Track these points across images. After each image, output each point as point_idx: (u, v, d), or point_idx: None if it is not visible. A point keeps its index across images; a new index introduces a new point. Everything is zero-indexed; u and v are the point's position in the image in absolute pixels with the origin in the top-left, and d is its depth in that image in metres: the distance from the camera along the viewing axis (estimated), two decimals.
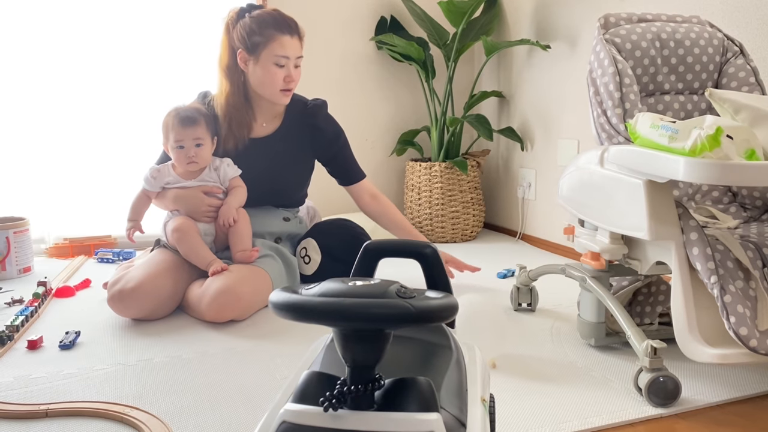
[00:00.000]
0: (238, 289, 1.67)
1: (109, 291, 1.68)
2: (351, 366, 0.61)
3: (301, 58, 1.88)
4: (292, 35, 1.84)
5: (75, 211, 2.58)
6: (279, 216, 1.99)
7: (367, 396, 0.61)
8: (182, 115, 1.82)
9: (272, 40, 1.82)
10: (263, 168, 1.93)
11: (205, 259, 1.76)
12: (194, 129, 1.82)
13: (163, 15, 2.59)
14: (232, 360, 1.43)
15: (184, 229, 1.79)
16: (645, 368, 1.20)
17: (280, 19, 1.84)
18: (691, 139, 1.02)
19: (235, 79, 1.89)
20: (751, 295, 1.13)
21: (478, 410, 0.69)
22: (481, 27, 2.79)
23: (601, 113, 1.43)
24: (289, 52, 1.83)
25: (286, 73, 1.84)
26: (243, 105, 1.90)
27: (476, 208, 2.79)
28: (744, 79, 1.49)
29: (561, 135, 2.52)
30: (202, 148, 1.83)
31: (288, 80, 1.85)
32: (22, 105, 2.48)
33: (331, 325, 0.59)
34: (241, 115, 1.90)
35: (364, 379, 0.61)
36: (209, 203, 1.83)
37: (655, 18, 1.54)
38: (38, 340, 1.52)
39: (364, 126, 2.95)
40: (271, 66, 1.83)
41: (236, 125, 1.90)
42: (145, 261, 1.79)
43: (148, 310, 1.68)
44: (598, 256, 1.39)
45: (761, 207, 1.47)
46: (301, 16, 2.76)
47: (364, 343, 0.60)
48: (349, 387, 0.60)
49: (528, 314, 1.75)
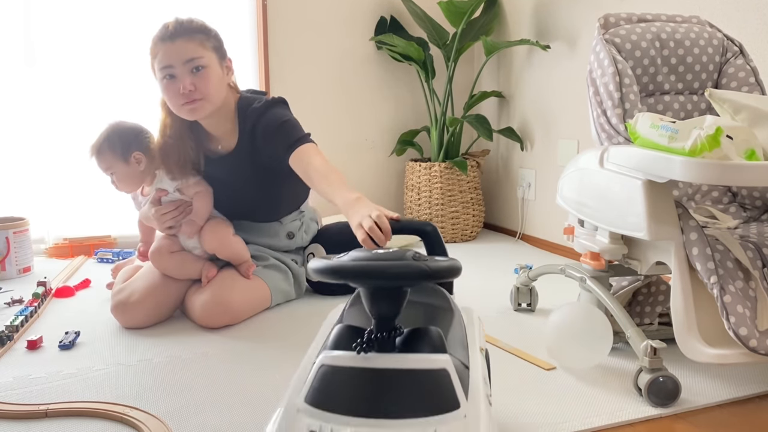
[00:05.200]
0: (227, 298, 1.64)
1: (113, 299, 1.68)
2: (376, 318, 0.77)
3: (195, 59, 1.58)
4: (173, 40, 1.58)
5: (75, 212, 2.58)
6: (282, 234, 1.90)
7: (390, 341, 0.77)
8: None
9: (154, 55, 1.61)
10: (236, 186, 1.77)
11: (195, 270, 1.71)
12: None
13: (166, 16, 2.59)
14: (231, 360, 1.43)
15: (156, 255, 1.71)
16: (645, 368, 1.20)
17: (164, 29, 1.61)
18: (691, 139, 1.03)
19: (167, 108, 1.69)
20: (750, 296, 1.13)
21: (478, 357, 0.86)
22: (480, 27, 2.79)
23: (601, 113, 1.43)
24: (171, 60, 1.58)
25: (180, 83, 1.58)
26: (183, 134, 1.70)
27: (476, 208, 2.79)
28: (744, 79, 1.49)
29: (561, 135, 2.52)
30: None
31: (182, 92, 1.58)
32: (22, 105, 2.48)
33: (363, 284, 0.76)
34: (181, 149, 1.69)
35: (387, 328, 0.77)
36: (162, 211, 1.70)
37: (654, 18, 1.54)
38: (38, 340, 1.52)
39: (364, 126, 2.95)
40: (162, 81, 1.61)
41: (175, 161, 1.69)
42: (146, 270, 1.75)
43: (150, 319, 1.67)
44: (597, 256, 1.39)
45: (761, 207, 1.47)
46: (301, 16, 2.78)
47: (387, 299, 0.77)
48: (376, 334, 0.76)
49: (528, 314, 1.75)
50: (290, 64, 2.78)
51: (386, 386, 0.72)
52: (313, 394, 0.73)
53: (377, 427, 0.69)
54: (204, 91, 1.61)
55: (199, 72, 1.60)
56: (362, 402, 0.71)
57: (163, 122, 1.71)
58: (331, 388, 0.73)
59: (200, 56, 1.60)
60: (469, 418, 0.70)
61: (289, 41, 2.79)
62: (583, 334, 1.30)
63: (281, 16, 2.75)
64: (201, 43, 1.61)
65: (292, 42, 2.79)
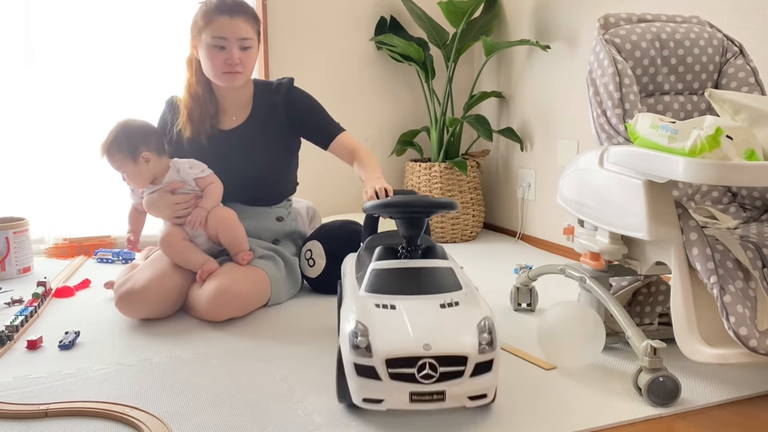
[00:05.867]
0: (236, 287, 1.67)
1: (117, 292, 1.68)
2: (407, 237, 1.24)
3: (248, 39, 1.80)
4: (231, 16, 1.77)
5: (75, 212, 2.58)
6: (272, 217, 1.98)
7: (416, 252, 1.24)
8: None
9: (210, 22, 1.77)
10: (241, 159, 1.90)
11: (198, 263, 1.74)
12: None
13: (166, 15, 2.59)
14: (232, 360, 1.43)
15: (168, 239, 1.76)
16: (645, 368, 1.20)
17: (222, 2, 1.79)
18: (691, 139, 1.03)
19: (195, 69, 1.87)
20: (750, 296, 1.13)
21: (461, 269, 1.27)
22: (480, 27, 2.79)
23: (601, 113, 1.43)
24: (227, 33, 1.76)
25: (227, 55, 1.77)
26: (206, 96, 1.87)
27: (476, 208, 2.80)
28: (744, 80, 1.49)
29: (561, 135, 2.52)
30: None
31: (230, 62, 1.78)
32: (21, 105, 2.48)
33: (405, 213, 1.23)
34: (204, 106, 1.87)
35: (414, 244, 1.25)
36: (176, 200, 1.78)
37: (654, 18, 1.54)
38: (38, 340, 1.52)
39: (364, 126, 2.95)
40: (210, 48, 1.78)
41: (197, 116, 1.87)
42: (151, 261, 1.79)
43: (156, 309, 1.68)
44: (597, 256, 1.39)
45: (761, 207, 1.47)
46: (301, 15, 2.78)
47: (417, 224, 1.23)
48: (408, 248, 1.24)
49: (528, 314, 1.75)
50: (290, 64, 2.78)
51: (417, 276, 1.17)
52: (371, 287, 1.16)
53: (416, 299, 1.13)
54: (246, 66, 1.83)
55: (246, 50, 1.81)
56: (404, 286, 1.15)
57: (189, 81, 1.88)
58: (381, 282, 1.16)
59: (251, 37, 1.81)
60: (467, 293, 1.16)
61: (289, 41, 2.79)
62: (575, 333, 1.30)
63: (281, 16, 2.76)
64: (252, 26, 1.82)
65: (291, 42, 2.79)
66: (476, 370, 1.05)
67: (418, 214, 1.23)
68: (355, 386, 1.06)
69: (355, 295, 1.18)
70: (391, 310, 1.10)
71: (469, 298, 1.14)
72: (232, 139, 1.92)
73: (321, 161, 2.37)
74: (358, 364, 1.05)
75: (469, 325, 1.08)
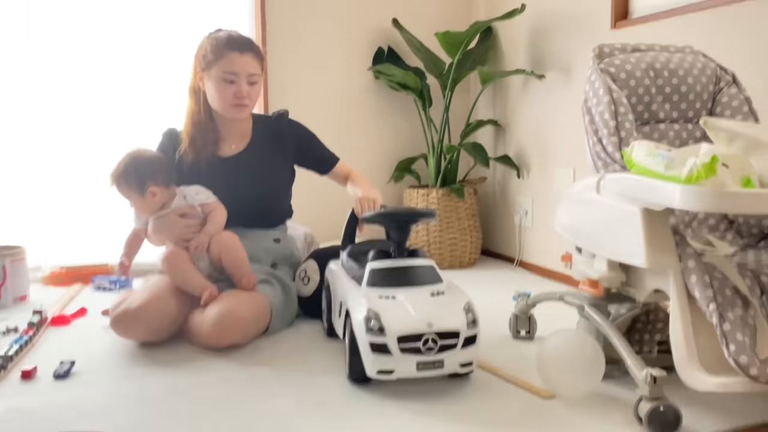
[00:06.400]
0: (239, 312, 1.66)
1: (112, 313, 1.67)
2: (398, 241, 1.50)
3: (255, 75, 1.90)
4: (242, 52, 1.87)
5: (72, 239, 2.57)
6: (269, 238, 2.01)
7: (404, 252, 1.51)
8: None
9: (222, 57, 1.86)
10: (239, 185, 1.95)
11: (199, 287, 1.75)
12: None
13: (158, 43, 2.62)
14: (229, 389, 1.42)
15: (171, 257, 1.78)
16: (645, 397, 1.19)
17: (232, 39, 1.89)
18: (687, 167, 1.03)
19: (198, 98, 1.95)
20: (750, 323, 1.12)
21: None
22: (476, 57, 2.83)
23: (597, 141, 1.44)
24: (237, 68, 1.86)
25: (237, 89, 1.87)
26: (207, 123, 1.95)
27: (474, 234, 2.80)
28: (738, 108, 1.51)
29: (557, 163, 2.53)
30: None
31: (239, 96, 1.87)
32: (18, 133, 2.49)
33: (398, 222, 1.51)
34: (205, 133, 1.94)
35: (404, 247, 1.52)
36: (186, 224, 1.82)
37: (648, 48, 1.56)
38: (32, 370, 1.50)
39: (363, 153, 2.97)
40: (220, 82, 1.87)
41: (200, 143, 1.93)
42: (149, 283, 1.79)
43: (151, 331, 1.67)
44: (596, 283, 1.39)
45: (757, 234, 1.48)
46: (300, 46, 2.82)
47: (405, 229, 1.51)
48: (398, 249, 1.50)
49: (527, 342, 1.74)
50: (289, 94, 2.81)
51: (409, 272, 1.45)
52: (372, 282, 1.44)
53: (410, 290, 1.42)
54: (252, 99, 1.94)
55: (253, 85, 1.92)
56: (399, 280, 1.43)
57: (192, 109, 1.96)
58: (380, 278, 1.44)
59: (258, 73, 1.93)
60: (448, 284, 1.48)
61: (289, 71, 2.82)
62: (575, 361, 1.30)
63: (281, 47, 2.79)
64: (259, 63, 1.93)
65: (291, 72, 2.82)
66: (465, 343, 1.35)
67: (407, 222, 1.52)
68: (370, 361, 1.33)
69: (358, 290, 1.44)
70: (393, 300, 1.38)
71: (450, 287, 1.48)
72: (231, 166, 1.97)
73: (319, 188, 2.39)
74: (373, 343, 1.32)
75: (456, 308, 1.38)
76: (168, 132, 2.02)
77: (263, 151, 2.01)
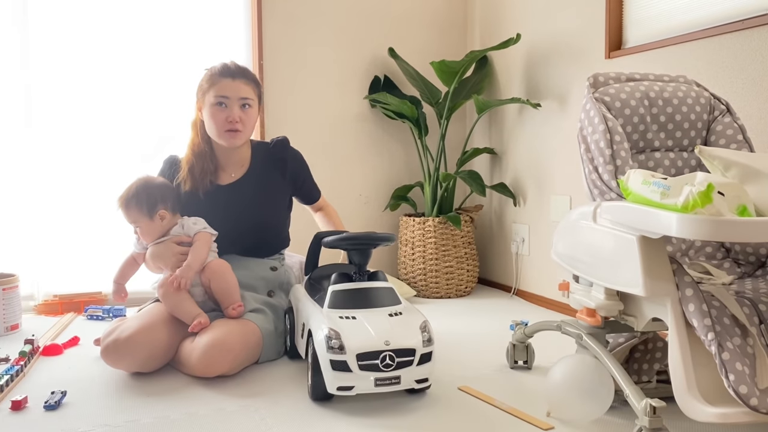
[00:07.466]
0: (229, 342, 1.65)
1: (103, 342, 1.66)
2: (358, 264, 1.60)
3: (249, 99, 1.92)
4: (234, 78, 1.91)
5: (65, 267, 2.55)
6: (266, 266, 2.00)
7: (365, 275, 1.59)
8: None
9: (214, 84, 1.90)
10: (236, 213, 1.95)
11: (191, 314, 1.74)
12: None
13: (154, 76, 2.64)
14: (220, 420, 1.39)
15: (167, 285, 1.77)
16: (645, 428, 1.17)
17: (226, 67, 1.93)
18: (683, 195, 1.03)
19: (199, 129, 1.97)
20: (749, 353, 1.11)
21: None
22: (472, 86, 2.85)
23: (593, 170, 1.45)
24: (228, 92, 1.89)
25: (228, 113, 1.89)
26: (206, 153, 1.96)
27: (470, 263, 2.79)
28: (732, 137, 1.52)
29: (553, 191, 2.54)
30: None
31: (231, 120, 1.89)
32: (13, 163, 2.49)
33: (358, 246, 1.59)
34: (204, 162, 1.95)
35: (364, 270, 1.61)
36: (179, 251, 1.82)
37: (642, 77, 1.58)
38: (23, 401, 1.48)
39: (358, 182, 2.97)
40: (213, 107, 1.90)
41: (198, 171, 1.94)
42: (140, 312, 1.79)
43: (141, 360, 1.65)
44: (593, 312, 1.38)
45: (755, 263, 1.47)
46: (297, 75, 2.84)
47: (366, 253, 1.60)
48: (359, 273, 1.59)
49: (524, 372, 1.72)
50: (286, 123, 2.82)
51: (368, 294, 1.54)
52: (333, 304, 1.51)
53: (370, 311, 1.50)
54: (246, 125, 1.94)
55: (246, 109, 1.93)
56: (359, 301, 1.52)
57: (193, 141, 1.99)
58: (341, 300, 1.52)
59: (251, 98, 1.94)
60: (405, 306, 1.56)
61: (285, 100, 2.83)
62: (587, 387, 1.28)
63: (277, 76, 2.81)
64: (253, 89, 1.95)
65: (288, 101, 2.84)
66: (421, 360, 1.44)
67: (367, 246, 1.60)
68: (330, 378, 1.40)
69: (319, 311, 1.53)
70: (353, 320, 1.46)
71: (408, 308, 1.56)
72: (228, 194, 1.98)
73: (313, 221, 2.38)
74: (333, 360, 1.39)
75: (413, 327, 1.48)
76: (169, 159, 2.04)
77: (261, 178, 2.02)
